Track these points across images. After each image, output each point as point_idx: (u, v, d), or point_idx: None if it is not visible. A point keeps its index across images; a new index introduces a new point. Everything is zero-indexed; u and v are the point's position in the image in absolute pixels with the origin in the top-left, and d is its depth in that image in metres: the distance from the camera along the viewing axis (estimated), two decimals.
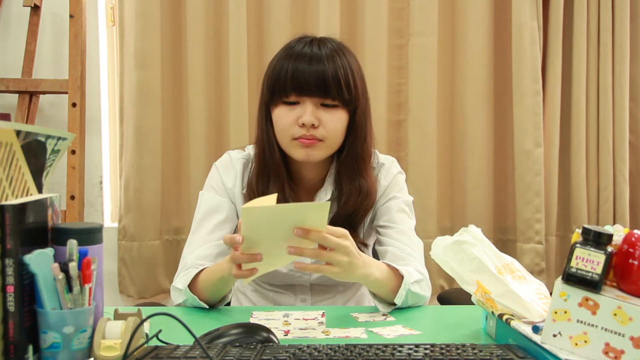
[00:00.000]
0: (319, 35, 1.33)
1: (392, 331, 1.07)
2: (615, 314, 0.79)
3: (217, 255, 1.29)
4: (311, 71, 1.23)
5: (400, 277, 1.21)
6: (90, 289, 0.80)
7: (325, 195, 1.34)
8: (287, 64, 1.25)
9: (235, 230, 1.35)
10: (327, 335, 1.04)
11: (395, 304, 1.21)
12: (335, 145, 1.30)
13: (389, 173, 1.41)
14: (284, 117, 1.27)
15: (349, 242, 1.06)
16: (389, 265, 1.22)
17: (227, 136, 2.35)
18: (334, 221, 1.30)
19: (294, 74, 1.24)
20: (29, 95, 2.23)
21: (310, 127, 1.24)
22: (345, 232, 1.07)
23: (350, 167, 1.32)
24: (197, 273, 1.24)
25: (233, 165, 1.38)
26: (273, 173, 1.31)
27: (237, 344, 0.88)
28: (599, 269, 0.80)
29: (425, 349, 0.85)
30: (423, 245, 1.36)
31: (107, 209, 2.46)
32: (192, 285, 1.23)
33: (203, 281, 1.21)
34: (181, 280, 1.25)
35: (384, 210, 1.37)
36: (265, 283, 1.41)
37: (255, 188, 1.32)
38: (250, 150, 1.40)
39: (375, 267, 1.17)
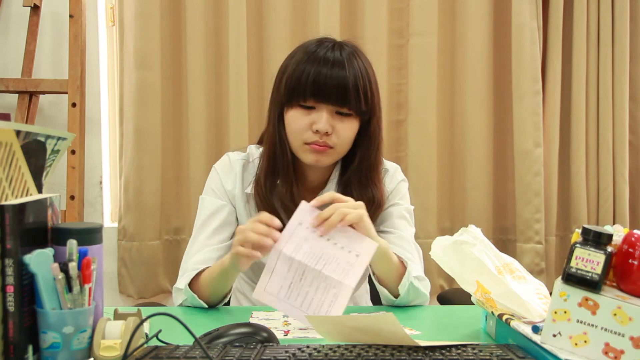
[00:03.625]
0: (336, 39, 1.33)
1: None
2: (615, 314, 0.79)
3: (217, 259, 1.29)
4: (332, 77, 1.23)
5: (404, 267, 1.24)
6: (90, 289, 0.80)
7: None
8: (309, 67, 1.24)
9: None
10: None
11: (397, 296, 1.23)
12: (344, 152, 1.32)
13: (392, 180, 1.42)
14: (298, 121, 1.27)
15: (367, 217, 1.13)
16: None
17: (227, 136, 2.35)
18: None
19: (315, 79, 1.23)
20: (29, 95, 2.23)
21: (324, 134, 1.25)
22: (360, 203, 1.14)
23: (364, 175, 1.33)
24: (199, 272, 1.24)
25: (232, 167, 1.38)
26: (282, 172, 1.31)
27: (237, 344, 0.88)
28: (598, 269, 0.80)
29: (425, 349, 0.85)
30: (422, 252, 1.36)
31: (106, 209, 2.46)
32: (192, 284, 1.23)
33: (204, 279, 1.22)
34: (182, 281, 1.25)
35: (385, 216, 1.38)
36: None
37: (263, 185, 1.32)
38: (252, 149, 1.41)
39: (384, 242, 1.20)
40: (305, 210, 1.08)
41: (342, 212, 1.08)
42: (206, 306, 1.22)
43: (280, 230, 1.07)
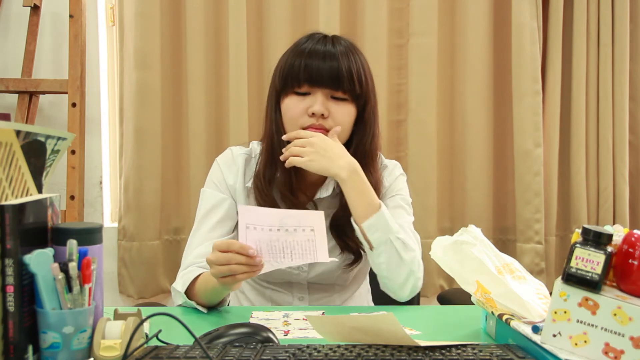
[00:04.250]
0: (327, 33, 1.35)
1: None
2: (615, 314, 0.79)
3: None
4: (325, 64, 1.26)
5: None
6: (90, 289, 0.80)
7: (326, 191, 1.35)
8: (299, 59, 1.27)
9: (235, 230, 1.36)
10: None
11: (371, 247, 1.25)
12: (342, 139, 1.32)
13: (391, 175, 1.43)
14: (294, 107, 1.29)
15: (315, 138, 1.24)
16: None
17: (227, 136, 2.35)
18: (337, 216, 1.32)
19: (307, 66, 1.26)
20: (29, 95, 2.23)
21: (320, 117, 1.26)
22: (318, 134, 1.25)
23: (359, 162, 1.33)
24: (196, 277, 1.24)
25: (235, 160, 1.39)
26: (281, 164, 1.32)
27: (237, 344, 0.88)
28: (598, 269, 0.80)
29: (425, 349, 0.85)
30: (423, 252, 1.36)
31: (106, 209, 2.46)
32: (189, 290, 1.23)
33: (199, 288, 1.22)
34: (180, 283, 1.25)
35: None
36: (263, 281, 1.42)
37: (262, 178, 1.33)
38: (255, 145, 1.41)
39: (359, 175, 1.25)
40: (245, 212, 1.08)
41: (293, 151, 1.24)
42: (205, 311, 1.22)
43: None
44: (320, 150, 1.23)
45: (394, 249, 1.24)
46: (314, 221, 1.06)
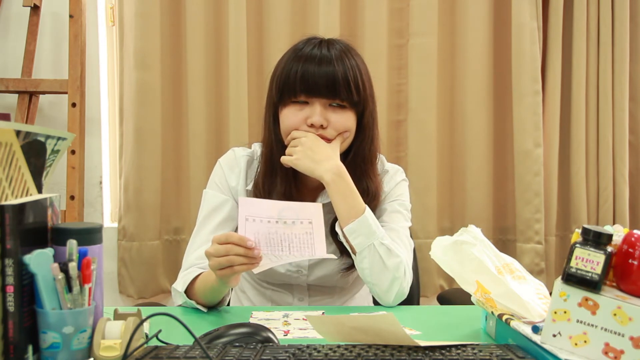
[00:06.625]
0: (324, 37, 1.34)
1: None
2: (615, 314, 0.79)
3: None
4: (321, 73, 1.25)
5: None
6: (89, 289, 0.80)
7: (327, 197, 1.35)
8: (296, 65, 1.26)
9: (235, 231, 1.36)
10: None
11: (354, 251, 1.25)
12: (348, 143, 1.32)
13: (391, 180, 1.42)
14: (293, 117, 1.28)
15: (305, 138, 1.25)
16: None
17: (227, 136, 2.35)
18: (336, 221, 1.31)
19: (303, 76, 1.25)
20: (29, 95, 2.23)
21: (319, 127, 1.26)
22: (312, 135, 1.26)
23: (358, 168, 1.33)
24: (196, 277, 1.24)
25: (237, 162, 1.39)
26: (280, 173, 1.32)
27: (237, 344, 0.88)
28: (598, 269, 0.80)
29: (425, 349, 0.85)
30: (423, 252, 1.36)
31: (106, 209, 2.46)
32: (189, 289, 1.23)
33: (198, 287, 1.22)
34: (180, 283, 1.25)
35: (381, 212, 1.38)
36: (263, 281, 1.42)
37: (261, 187, 1.33)
38: (257, 147, 1.41)
39: (343, 179, 1.26)
40: (245, 204, 1.08)
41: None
42: (205, 310, 1.22)
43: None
44: (308, 151, 1.24)
45: (377, 254, 1.24)
46: (313, 214, 1.06)
